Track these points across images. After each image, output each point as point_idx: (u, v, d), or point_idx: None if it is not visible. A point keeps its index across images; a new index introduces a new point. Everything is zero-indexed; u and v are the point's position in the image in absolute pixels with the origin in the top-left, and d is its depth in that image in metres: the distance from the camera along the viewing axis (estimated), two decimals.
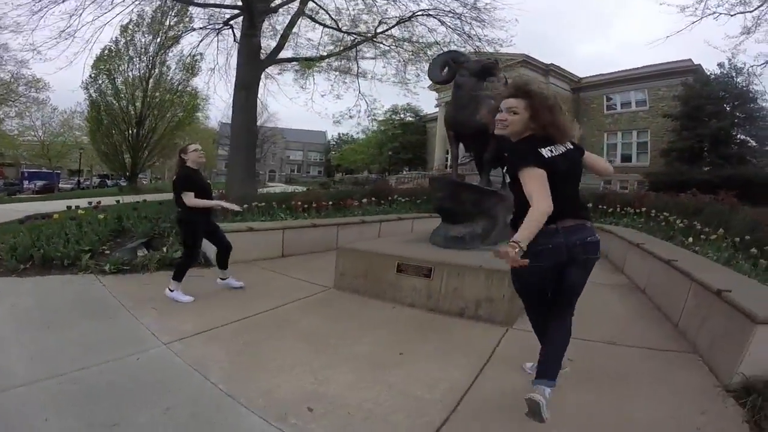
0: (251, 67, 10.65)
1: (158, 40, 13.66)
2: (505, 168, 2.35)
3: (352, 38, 12.29)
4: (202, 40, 12.76)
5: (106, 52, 17.70)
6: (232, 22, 11.36)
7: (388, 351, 2.90)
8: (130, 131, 20.71)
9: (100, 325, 3.23)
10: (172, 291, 3.95)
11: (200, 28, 11.95)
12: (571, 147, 2.14)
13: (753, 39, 11.74)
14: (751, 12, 11.03)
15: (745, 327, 2.41)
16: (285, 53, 12.18)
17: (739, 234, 5.72)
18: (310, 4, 11.65)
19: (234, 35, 12.13)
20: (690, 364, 2.83)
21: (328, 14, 12.01)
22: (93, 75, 18.62)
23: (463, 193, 4.79)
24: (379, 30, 12.14)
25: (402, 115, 45.84)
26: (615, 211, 9.86)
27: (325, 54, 12.11)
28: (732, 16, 11.13)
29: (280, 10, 11.44)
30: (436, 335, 3.29)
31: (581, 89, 30.98)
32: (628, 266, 5.91)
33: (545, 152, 2.03)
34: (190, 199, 3.89)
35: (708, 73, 23.71)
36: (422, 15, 12.28)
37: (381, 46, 12.48)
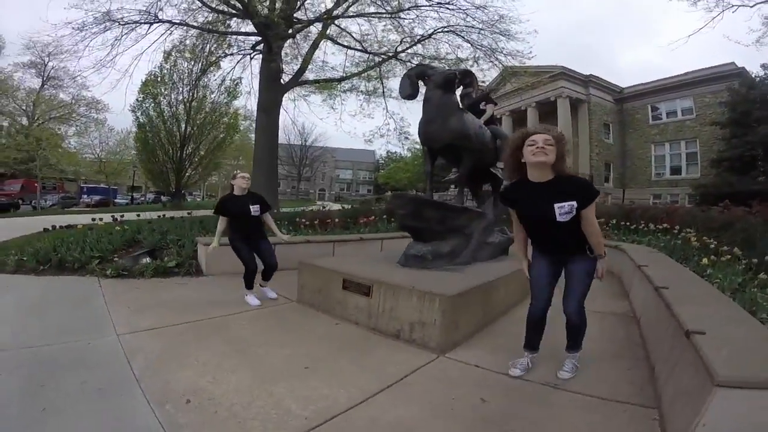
0: (271, 90, 11.17)
1: (199, 65, 14.63)
2: (564, 199, 2.47)
3: (377, 59, 12.61)
4: (234, 67, 13.66)
5: (152, 77, 19.25)
6: (259, 47, 11.97)
7: (299, 364, 2.94)
8: (173, 151, 22.06)
9: (79, 316, 3.80)
10: (246, 296, 4.61)
11: (232, 54, 12.71)
12: None
13: None
14: None
15: (704, 386, 1.83)
16: (310, 75, 12.76)
17: (763, 254, 5.08)
18: (333, 28, 12.14)
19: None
20: (638, 426, 2.29)
21: (351, 36, 12.44)
22: (139, 99, 20.40)
23: (427, 210, 4.63)
24: (399, 48, 12.40)
25: None
26: (638, 228, 9.30)
27: (346, 75, 12.54)
28: (752, 7, 10.34)
29: (302, 34, 11.98)
30: (358, 354, 3.22)
31: (624, 99, 29.92)
32: (633, 292, 5.26)
33: None
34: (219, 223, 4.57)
35: (753, 76, 22.20)
36: (443, 32, 12.42)
37: (409, 64, 12.74)
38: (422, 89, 4.94)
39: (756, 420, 1.75)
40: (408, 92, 4.99)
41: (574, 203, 2.43)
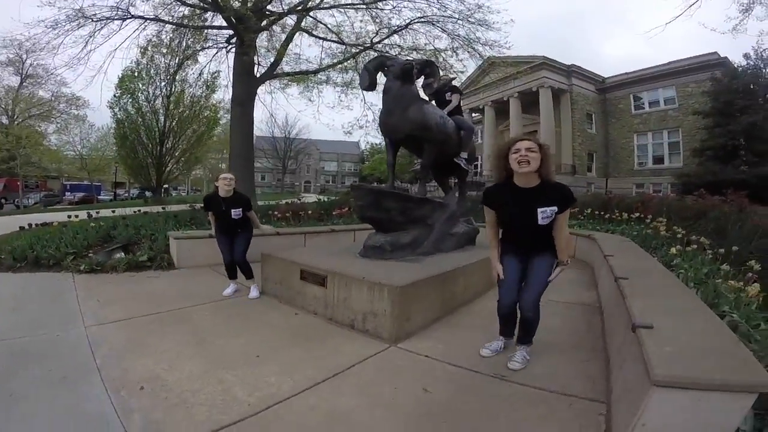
0: (245, 83, 11.10)
1: (177, 59, 14.49)
2: (550, 202, 2.64)
3: (354, 50, 12.61)
4: (211, 60, 13.59)
5: (128, 72, 18.97)
6: (233, 41, 11.88)
7: (252, 353, 3.04)
8: (153, 146, 21.77)
9: (51, 310, 3.97)
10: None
11: (207, 47, 12.63)
12: None
13: (754, 17, 11.15)
14: None
15: (644, 384, 1.76)
16: (286, 67, 12.73)
17: (731, 243, 5.18)
18: (308, 20, 12.10)
19: None
20: (582, 421, 2.23)
21: (327, 27, 12.42)
22: (117, 95, 20.05)
23: (386, 201, 4.64)
24: (376, 39, 12.41)
25: None
26: (612, 218, 9.49)
27: (321, 67, 12.54)
28: None
29: (279, 26, 11.94)
30: (311, 344, 3.29)
31: (607, 89, 30.10)
32: (600, 282, 5.30)
33: None
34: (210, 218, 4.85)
35: (735, 66, 22.42)
36: (419, 22, 12.44)
37: (388, 55, 12.71)
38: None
39: (698, 422, 1.67)
40: (366, 84, 5.07)
41: (555, 208, 2.61)
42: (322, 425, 2.17)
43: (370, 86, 5.09)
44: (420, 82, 5.42)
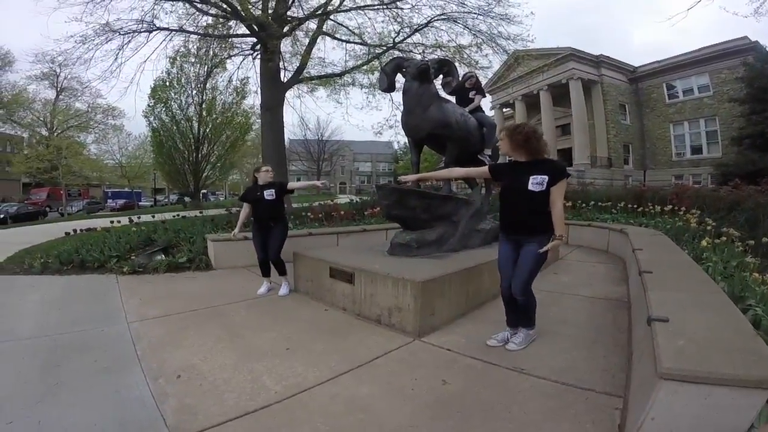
0: (272, 89, 11.33)
1: (206, 68, 14.92)
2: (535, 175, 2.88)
3: (377, 50, 12.67)
4: (239, 67, 13.94)
5: (160, 82, 19.72)
6: (258, 47, 12.14)
7: (281, 346, 3.18)
8: (189, 153, 22.49)
9: (95, 308, 4.23)
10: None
11: (234, 55, 12.94)
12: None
13: None
14: None
15: (654, 377, 1.71)
16: (312, 71, 12.96)
17: (762, 235, 5.00)
18: (330, 23, 12.26)
19: None
20: (596, 414, 2.22)
21: (349, 29, 12.54)
22: (150, 104, 20.92)
23: (410, 199, 4.66)
24: (398, 39, 12.45)
25: None
26: (645, 211, 9.21)
27: (346, 69, 12.69)
28: None
29: (303, 31, 12.17)
30: (337, 338, 3.40)
31: (638, 79, 29.18)
32: (631, 276, 5.11)
33: None
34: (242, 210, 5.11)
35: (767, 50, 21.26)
36: (440, 20, 12.39)
37: (411, 54, 12.74)
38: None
39: (707, 417, 1.62)
40: (385, 86, 5.18)
41: (546, 177, 2.85)
42: (342, 412, 2.28)
43: (389, 88, 5.21)
44: (439, 80, 5.47)
